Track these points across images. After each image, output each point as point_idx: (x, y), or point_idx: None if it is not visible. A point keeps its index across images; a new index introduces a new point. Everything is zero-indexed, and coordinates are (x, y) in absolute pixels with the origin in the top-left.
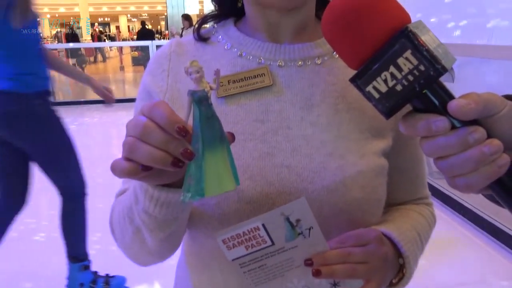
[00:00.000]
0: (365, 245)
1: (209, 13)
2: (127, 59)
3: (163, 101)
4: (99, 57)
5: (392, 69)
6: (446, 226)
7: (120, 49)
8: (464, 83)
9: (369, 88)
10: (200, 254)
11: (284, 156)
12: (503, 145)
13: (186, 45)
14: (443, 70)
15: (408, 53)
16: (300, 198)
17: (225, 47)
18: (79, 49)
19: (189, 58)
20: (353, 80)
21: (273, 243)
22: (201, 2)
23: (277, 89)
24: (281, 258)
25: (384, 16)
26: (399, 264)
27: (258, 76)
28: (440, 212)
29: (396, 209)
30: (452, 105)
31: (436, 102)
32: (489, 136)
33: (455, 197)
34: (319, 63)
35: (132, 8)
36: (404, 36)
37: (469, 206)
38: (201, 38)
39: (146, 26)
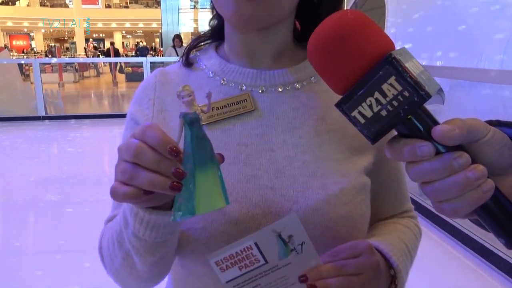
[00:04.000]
0: (357, 257)
1: (194, 42)
2: (121, 74)
3: (154, 124)
4: (92, 72)
5: (377, 94)
6: (436, 245)
7: (114, 65)
8: (455, 106)
9: (355, 113)
10: (188, 280)
11: (268, 178)
12: (488, 170)
13: (170, 74)
14: (427, 96)
15: (392, 79)
16: (291, 214)
17: (208, 75)
18: None
19: (174, 87)
20: (338, 105)
21: (266, 262)
22: (195, 21)
23: (259, 114)
24: (275, 277)
25: (369, 43)
26: (390, 276)
27: (241, 102)
28: (430, 232)
29: (382, 223)
30: (436, 131)
31: (421, 127)
32: (474, 161)
33: (444, 217)
34: (298, 87)
35: (127, 25)
36: (388, 62)
37: (459, 226)
38: (188, 63)
39: (114, 46)
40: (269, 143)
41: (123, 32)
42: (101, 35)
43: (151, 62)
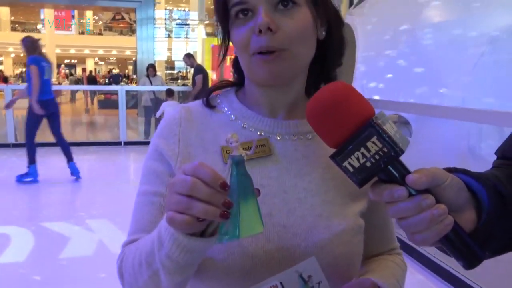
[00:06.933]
0: None
1: (216, 85)
2: (94, 101)
3: (203, 162)
4: (64, 98)
5: (362, 150)
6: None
7: (87, 92)
8: (422, 138)
9: (345, 164)
10: None
11: (281, 217)
12: (448, 208)
13: (194, 112)
14: (401, 151)
15: (374, 139)
16: (311, 257)
17: (231, 118)
18: None
19: (198, 125)
20: (332, 157)
21: None
22: (169, 49)
23: (275, 158)
24: None
25: (356, 110)
26: None
27: (260, 146)
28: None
29: (374, 260)
30: (409, 179)
31: (397, 175)
32: (437, 201)
33: (421, 251)
34: (309, 138)
35: (101, 52)
36: (371, 126)
37: (443, 265)
38: (210, 105)
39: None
40: (283, 186)
41: (96, 58)
42: (72, 61)
43: (126, 91)
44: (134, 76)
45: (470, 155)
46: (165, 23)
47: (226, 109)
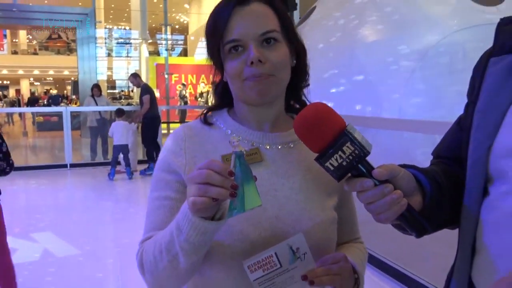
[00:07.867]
0: (338, 263)
1: (210, 107)
2: (30, 124)
3: (213, 159)
4: None
5: (340, 152)
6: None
7: (24, 114)
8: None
9: (327, 164)
10: (204, 284)
11: (273, 211)
12: (402, 193)
13: (195, 129)
14: (368, 153)
15: (348, 144)
16: (299, 234)
17: (227, 132)
18: None
19: (199, 139)
20: (317, 159)
21: (281, 266)
22: (109, 69)
23: (266, 164)
24: (286, 276)
25: (333, 123)
26: (354, 278)
27: (252, 154)
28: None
29: (343, 246)
30: (374, 172)
31: (365, 170)
32: (395, 188)
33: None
34: (292, 146)
35: (36, 72)
36: (345, 134)
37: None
38: (208, 122)
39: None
40: (273, 185)
41: (31, 79)
42: (5, 82)
43: (71, 112)
44: (74, 97)
45: (406, 160)
46: (105, 42)
47: (222, 125)
